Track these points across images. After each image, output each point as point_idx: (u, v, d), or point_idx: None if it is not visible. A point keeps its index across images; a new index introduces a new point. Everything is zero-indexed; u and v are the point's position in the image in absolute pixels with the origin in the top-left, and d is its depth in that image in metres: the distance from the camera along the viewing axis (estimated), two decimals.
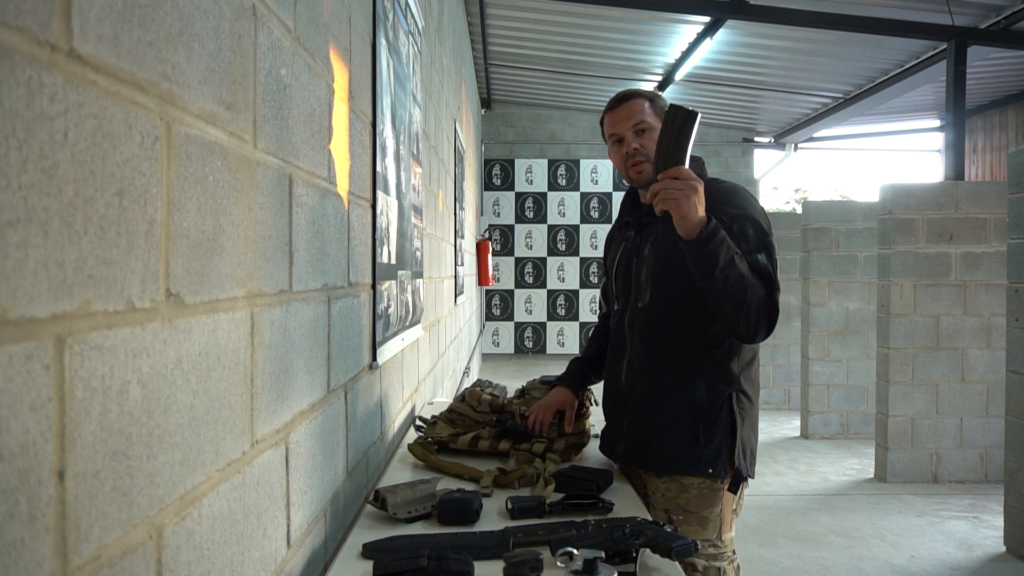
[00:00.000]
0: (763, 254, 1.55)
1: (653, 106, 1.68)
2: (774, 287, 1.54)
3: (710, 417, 1.59)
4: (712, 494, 1.59)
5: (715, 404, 1.59)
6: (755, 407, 1.66)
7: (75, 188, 0.54)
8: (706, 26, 6.18)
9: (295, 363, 1.11)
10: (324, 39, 1.28)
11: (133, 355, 0.63)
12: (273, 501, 1.01)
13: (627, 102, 1.69)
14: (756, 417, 1.67)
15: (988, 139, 9.54)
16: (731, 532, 1.63)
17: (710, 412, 1.59)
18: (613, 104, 1.72)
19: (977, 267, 4.82)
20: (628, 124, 1.67)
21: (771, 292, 1.53)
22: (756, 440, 1.67)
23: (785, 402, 7.06)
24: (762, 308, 1.51)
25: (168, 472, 0.69)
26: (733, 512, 1.63)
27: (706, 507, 1.59)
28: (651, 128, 1.65)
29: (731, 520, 1.63)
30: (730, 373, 1.60)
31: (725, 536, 1.61)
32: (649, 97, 1.69)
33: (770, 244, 1.58)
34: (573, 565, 0.84)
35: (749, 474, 1.62)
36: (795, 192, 23.01)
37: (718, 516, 1.60)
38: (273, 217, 1.00)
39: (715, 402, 1.59)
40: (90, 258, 0.56)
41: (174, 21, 0.70)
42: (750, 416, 1.64)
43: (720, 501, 1.60)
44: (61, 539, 0.53)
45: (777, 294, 1.54)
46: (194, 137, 0.75)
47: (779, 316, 1.55)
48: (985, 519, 4.12)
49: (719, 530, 1.60)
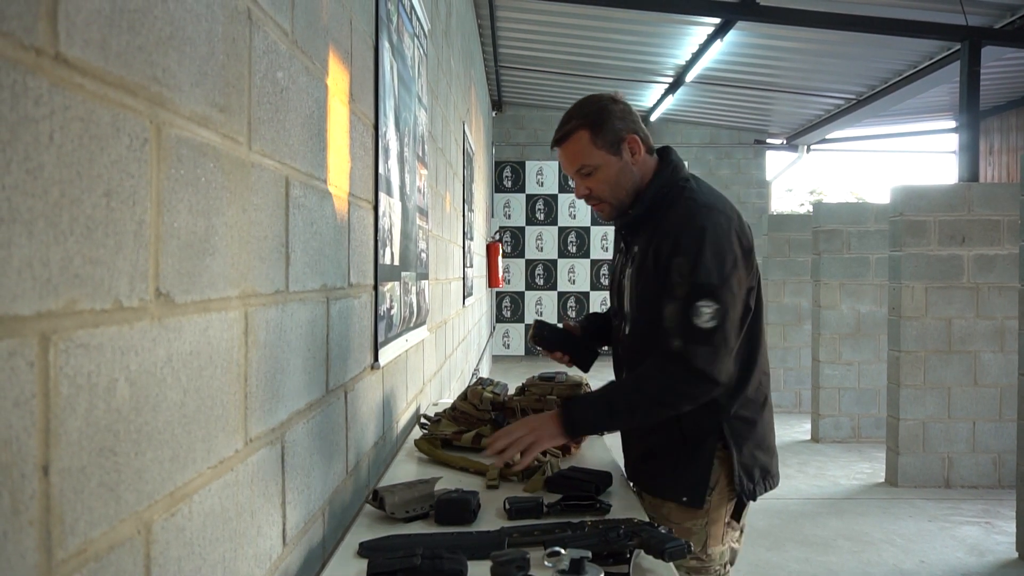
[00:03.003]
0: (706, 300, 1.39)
1: (596, 135, 1.50)
2: (694, 340, 1.39)
3: (694, 446, 1.51)
4: (695, 507, 1.52)
5: (699, 434, 1.50)
6: (761, 424, 1.55)
7: (61, 189, 0.55)
8: (716, 27, 6.17)
9: (292, 363, 1.12)
10: (323, 42, 1.29)
11: (121, 353, 0.64)
12: (268, 499, 1.02)
13: (566, 142, 1.53)
14: (764, 434, 1.56)
15: (1005, 140, 9.44)
16: (722, 546, 1.53)
17: (695, 441, 1.51)
18: (556, 140, 1.56)
19: (990, 269, 4.78)
20: (571, 169, 1.55)
21: (685, 359, 1.40)
22: (769, 456, 1.56)
23: (796, 405, 7.02)
24: (682, 389, 1.42)
25: (157, 469, 0.70)
26: (727, 526, 1.54)
27: (689, 519, 1.52)
28: (596, 167, 1.51)
29: (723, 534, 1.53)
30: (715, 404, 1.48)
31: (713, 550, 1.52)
32: (590, 124, 1.50)
33: (719, 287, 1.40)
34: (560, 564, 0.84)
35: (752, 497, 1.52)
36: (810, 194, 22.88)
37: (703, 529, 1.52)
38: (268, 218, 1.01)
39: (699, 432, 1.50)
40: (76, 257, 0.57)
41: (164, 25, 0.71)
42: (753, 437, 1.53)
43: (705, 515, 1.51)
44: (45, 532, 0.54)
45: (699, 347, 1.40)
46: (185, 139, 0.76)
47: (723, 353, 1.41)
48: (998, 524, 4.08)
49: (704, 543, 1.51)
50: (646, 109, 9.55)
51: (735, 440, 1.50)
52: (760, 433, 1.55)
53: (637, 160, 1.53)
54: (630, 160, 1.52)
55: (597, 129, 1.50)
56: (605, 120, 1.51)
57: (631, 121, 1.53)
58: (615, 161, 1.52)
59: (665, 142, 8.31)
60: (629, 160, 1.52)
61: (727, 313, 1.41)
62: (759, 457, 1.54)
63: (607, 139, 1.51)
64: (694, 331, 1.40)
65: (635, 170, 1.53)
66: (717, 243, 1.43)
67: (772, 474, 1.57)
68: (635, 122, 1.54)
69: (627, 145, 1.52)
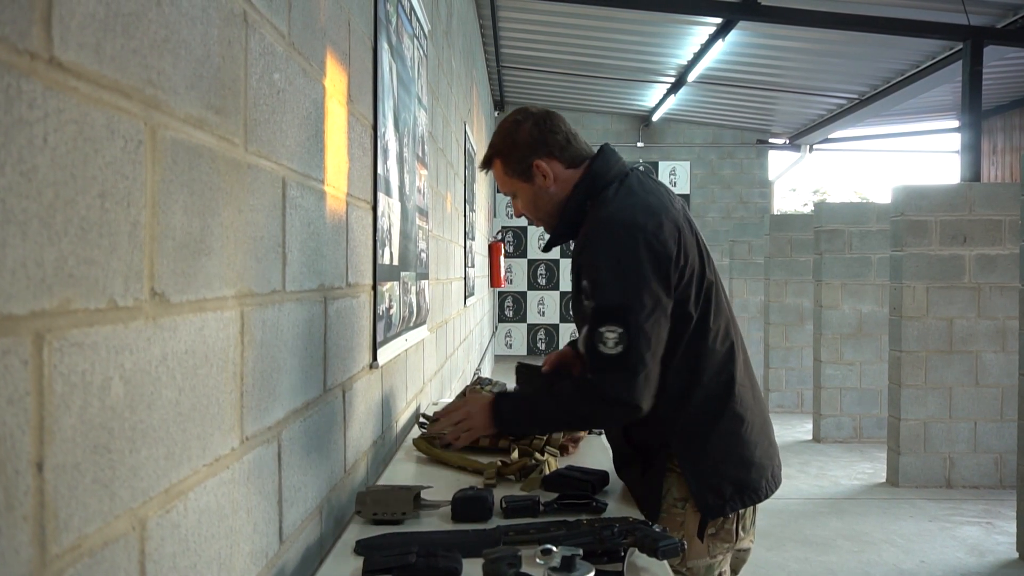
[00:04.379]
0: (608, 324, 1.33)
1: (506, 165, 1.52)
2: (601, 367, 1.34)
3: (644, 461, 1.47)
4: (670, 517, 1.44)
5: (648, 449, 1.46)
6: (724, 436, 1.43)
7: (55, 190, 0.56)
8: (718, 27, 6.17)
9: (288, 362, 1.13)
10: (321, 44, 1.30)
11: (115, 352, 0.65)
12: (265, 497, 1.03)
13: (490, 170, 1.59)
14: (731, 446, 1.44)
15: (1008, 140, 9.42)
16: (708, 559, 1.43)
17: (644, 456, 1.47)
18: (480, 167, 1.64)
19: (992, 269, 4.77)
20: (502, 191, 1.60)
21: (596, 387, 1.36)
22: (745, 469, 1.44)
23: (798, 405, 7.01)
24: (600, 414, 1.40)
25: (152, 466, 0.71)
26: (713, 536, 1.43)
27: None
28: (515, 191, 1.54)
29: (708, 547, 1.43)
30: (656, 418, 1.40)
31: (694, 563, 1.42)
32: (499, 154, 1.53)
33: (621, 308, 1.33)
34: (552, 561, 0.85)
35: (719, 513, 1.41)
36: (813, 194, 22.86)
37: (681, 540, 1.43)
38: (265, 219, 1.02)
39: (649, 446, 1.46)
40: (71, 258, 0.58)
41: (159, 28, 0.72)
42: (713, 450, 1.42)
43: (680, 526, 1.43)
44: (39, 528, 0.55)
45: (607, 375, 1.34)
46: (180, 141, 0.77)
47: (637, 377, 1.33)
48: (999, 525, 4.08)
49: (682, 556, 1.39)
50: (648, 109, 9.55)
51: (687, 455, 1.42)
52: (725, 447, 1.43)
53: (549, 182, 1.50)
54: (543, 183, 1.50)
55: (505, 159, 1.52)
56: (511, 149, 1.51)
57: (540, 143, 1.49)
58: (528, 187, 1.52)
59: (667, 142, 8.24)
60: (542, 183, 1.50)
61: (637, 334, 1.33)
62: (728, 472, 1.42)
63: (515, 168, 1.51)
64: (601, 359, 1.35)
65: (552, 190, 1.50)
66: (616, 258, 1.36)
67: (752, 488, 1.44)
68: (545, 142, 1.49)
69: (536, 170, 1.50)
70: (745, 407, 1.47)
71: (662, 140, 10.22)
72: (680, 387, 1.43)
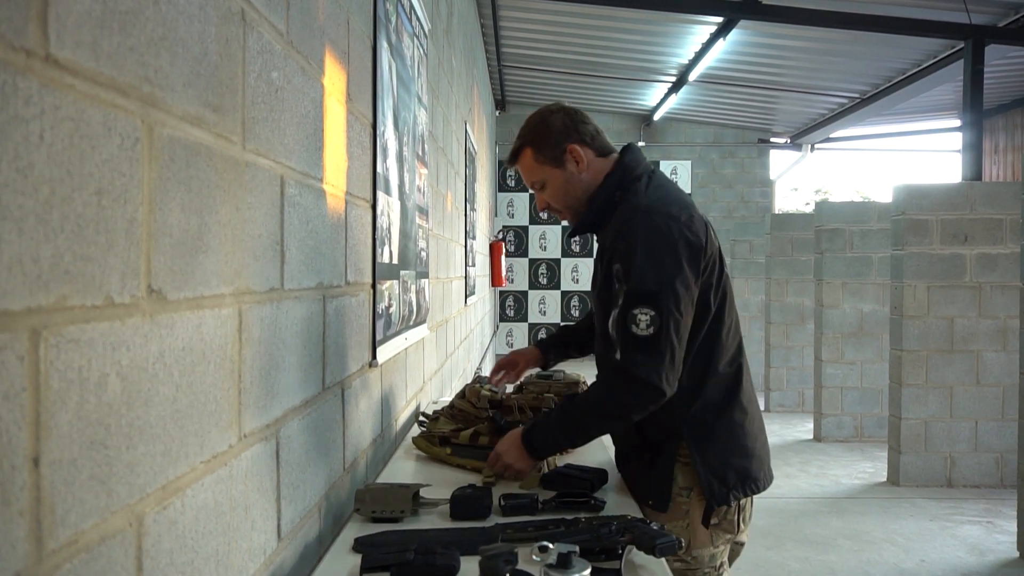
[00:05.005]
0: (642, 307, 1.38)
1: (537, 151, 1.55)
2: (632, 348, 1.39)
3: (654, 450, 1.50)
4: (676, 507, 1.49)
5: (658, 437, 1.50)
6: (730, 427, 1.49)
7: (51, 187, 0.56)
8: (719, 26, 6.16)
9: (287, 360, 1.13)
10: (319, 42, 1.30)
11: (112, 348, 0.65)
12: (263, 494, 1.03)
13: (517, 161, 1.61)
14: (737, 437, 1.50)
15: (1009, 139, 9.40)
16: (712, 548, 1.49)
17: (655, 445, 1.51)
18: (509, 160, 1.67)
19: (993, 268, 4.77)
20: (529, 184, 1.62)
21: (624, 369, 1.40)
22: (747, 459, 1.50)
23: (799, 404, 7.01)
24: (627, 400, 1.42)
25: (149, 462, 0.71)
26: (716, 527, 1.49)
27: (669, 521, 1.47)
28: (545, 180, 1.57)
29: (712, 536, 1.49)
30: (669, 407, 1.44)
31: (698, 552, 1.48)
32: (531, 142, 1.56)
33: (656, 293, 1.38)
34: (548, 559, 0.85)
35: (724, 501, 1.47)
36: (815, 193, 22.84)
37: (685, 530, 1.47)
38: (263, 217, 1.02)
39: (658, 436, 1.50)
40: (67, 254, 0.58)
41: (156, 27, 0.72)
42: (719, 440, 1.48)
43: (685, 516, 1.48)
44: (36, 523, 0.55)
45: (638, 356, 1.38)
46: (178, 139, 0.77)
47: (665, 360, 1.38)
48: (999, 524, 4.07)
49: (687, 545, 1.46)
50: (649, 108, 9.55)
51: (696, 443, 1.47)
52: (730, 436, 1.49)
53: (583, 167, 1.54)
54: (575, 170, 1.54)
55: (538, 145, 1.55)
56: (544, 135, 1.55)
57: (572, 130, 1.55)
58: (560, 173, 1.55)
59: (668, 141, 8.25)
60: (574, 170, 1.54)
61: (668, 318, 1.38)
62: (733, 461, 1.49)
63: (548, 154, 1.54)
64: (632, 339, 1.39)
65: (584, 177, 1.55)
66: (652, 245, 1.41)
67: (753, 478, 1.51)
68: (577, 130, 1.55)
69: (569, 155, 1.54)
70: (749, 400, 1.54)
71: (663, 139, 10.22)
72: (696, 376, 1.48)
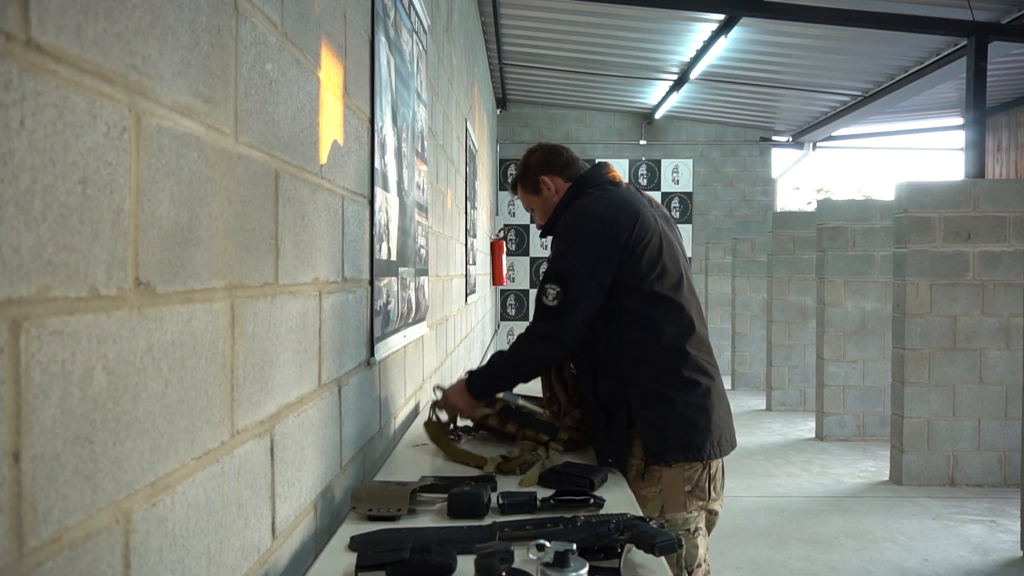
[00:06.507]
0: (551, 283, 1.73)
1: (524, 186, 1.98)
2: (540, 315, 1.75)
3: (611, 411, 1.74)
4: (650, 474, 1.70)
5: (613, 399, 1.74)
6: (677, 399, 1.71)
7: (32, 175, 0.55)
8: (721, 24, 6.14)
9: (282, 356, 1.12)
10: (315, 35, 1.29)
11: (98, 341, 0.64)
12: (256, 492, 1.02)
13: (517, 193, 2.04)
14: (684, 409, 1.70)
15: (1012, 136, 9.36)
16: (686, 512, 1.70)
17: (610, 406, 1.74)
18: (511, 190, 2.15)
19: (996, 266, 4.74)
20: (525, 209, 2.07)
21: (533, 328, 1.77)
22: (692, 429, 1.70)
23: (801, 403, 6.99)
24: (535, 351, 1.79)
25: (137, 458, 0.70)
26: (688, 494, 1.70)
27: (644, 487, 1.69)
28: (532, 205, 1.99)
29: (685, 501, 1.70)
30: (623, 370, 1.73)
31: (672, 515, 1.69)
32: (519, 179, 1.99)
33: (563, 274, 1.72)
34: (545, 557, 0.84)
35: (660, 460, 1.68)
36: (817, 192, 22.79)
37: (658, 496, 1.70)
38: (257, 210, 1.01)
39: (613, 397, 1.74)
40: (49, 244, 0.57)
41: (144, 14, 0.71)
42: (665, 408, 1.70)
43: (659, 482, 1.70)
44: (16, 519, 0.54)
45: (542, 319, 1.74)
46: (167, 129, 0.76)
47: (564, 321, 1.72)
48: (1002, 523, 4.05)
49: (661, 508, 1.69)
50: (650, 107, 9.52)
51: (641, 407, 1.71)
52: (672, 405, 1.71)
53: (553, 192, 1.94)
54: (548, 194, 1.94)
55: (523, 180, 2.00)
56: (525, 171, 1.99)
57: (545, 164, 1.95)
58: (539, 199, 1.97)
59: (670, 140, 8.25)
60: (548, 194, 1.95)
61: (568, 294, 1.71)
62: (673, 425, 1.71)
63: (529, 185, 1.98)
64: (542, 308, 1.75)
65: (555, 199, 1.93)
66: (570, 236, 1.76)
67: (696, 446, 1.71)
68: (548, 163, 1.94)
69: (542, 184, 1.94)
70: (698, 374, 1.75)
71: (664, 138, 10.19)
72: (644, 348, 1.74)
